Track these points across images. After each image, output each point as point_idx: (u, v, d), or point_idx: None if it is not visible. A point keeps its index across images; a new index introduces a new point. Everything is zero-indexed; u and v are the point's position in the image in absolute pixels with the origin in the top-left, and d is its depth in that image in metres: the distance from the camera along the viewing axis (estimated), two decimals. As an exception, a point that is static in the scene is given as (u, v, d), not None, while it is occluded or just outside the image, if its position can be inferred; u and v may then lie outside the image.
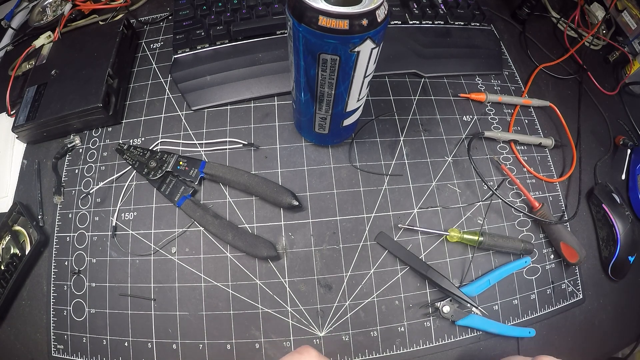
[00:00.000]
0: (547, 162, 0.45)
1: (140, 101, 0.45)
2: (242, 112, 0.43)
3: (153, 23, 0.51)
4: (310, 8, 0.23)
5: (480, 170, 0.41)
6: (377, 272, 0.37)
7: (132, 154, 0.40)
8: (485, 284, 0.37)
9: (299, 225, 0.38)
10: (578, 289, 0.40)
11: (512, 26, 0.55)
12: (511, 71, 0.50)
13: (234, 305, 0.36)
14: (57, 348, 0.37)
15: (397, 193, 0.40)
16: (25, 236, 0.40)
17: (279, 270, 0.37)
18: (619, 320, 0.41)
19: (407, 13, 0.49)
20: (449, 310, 0.36)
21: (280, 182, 0.40)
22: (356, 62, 0.27)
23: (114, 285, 0.37)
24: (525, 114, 0.47)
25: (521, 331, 0.37)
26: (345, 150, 0.42)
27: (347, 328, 0.36)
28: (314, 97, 0.31)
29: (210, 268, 0.37)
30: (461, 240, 0.38)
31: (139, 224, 0.39)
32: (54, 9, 0.53)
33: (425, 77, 0.47)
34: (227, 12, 0.46)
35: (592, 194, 0.43)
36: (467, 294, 0.36)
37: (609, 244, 0.41)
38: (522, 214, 0.41)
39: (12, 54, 0.52)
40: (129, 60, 0.47)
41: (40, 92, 0.43)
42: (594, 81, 0.51)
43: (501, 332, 0.37)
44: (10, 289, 0.37)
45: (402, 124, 0.44)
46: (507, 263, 0.39)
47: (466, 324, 0.36)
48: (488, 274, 0.38)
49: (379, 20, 0.24)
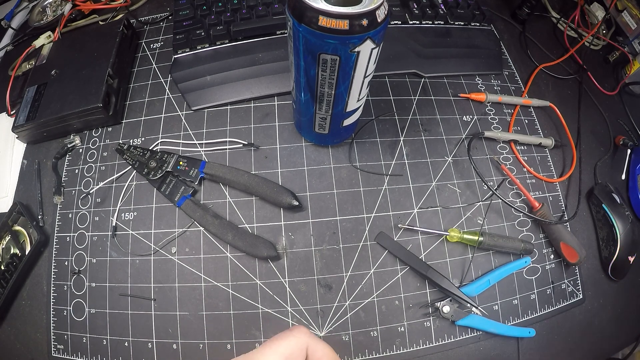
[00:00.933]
0: (547, 162, 0.45)
1: (140, 101, 0.45)
2: (242, 112, 0.43)
3: (153, 23, 0.51)
4: (310, 8, 0.23)
5: (480, 170, 0.41)
6: (377, 272, 0.37)
7: (132, 154, 0.40)
8: (485, 284, 0.37)
9: (299, 225, 0.38)
10: (578, 289, 0.40)
11: (512, 26, 0.55)
12: (511, 71, 0.50)
13: (234, 305, 0.36)
14: (57, 348, 0.37)
15: (397, 193, 0.40)
16: (25, 236, 0.40)
17: (279, 270, 0.37)
18: (619, 320, 0.41)
19: (407, 13, 0.49)
20: (449, 310, 0.36)
21: (280, 182, 0.40)
22: (356, 62, 0.27)
23: (114, 285, 0.37)
24: (525, 114, 0.47)
25: (521, 331, 0.37)
26: (345, 150, 0.42)
27: (347, 328, 0.36)
28: (314, 97, 0.31)
29: (210, 268, 0.37)
30: (461, 240, 0.38)
31: (139, 224, 0.39)
32: (54, 9, 0.53)
33: (425, 77, 0.47)
34: (227, 12, 0.46)
35: (592, 194, 0.43)
36: (467, 294, 0.36)
37: (609, 244, 0.41)
38: (522, 214, 0.41)
39: (12, 54, 0.52)
40: (129, 60, 0.47)
41: (40, 92, 0.43)
42: (594, 81, 0.51)
43: (501, 332, 0.37)
44: (10, 289, 0.37)
45: (402, 124, 0.44)
46: (507, 263, 0.39)
47: (466, 324, 0.36)
48: (488, 274, 0.38)
49: (379, 20, 0.24)
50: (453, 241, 0.38)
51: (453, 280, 0.37)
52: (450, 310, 0.36)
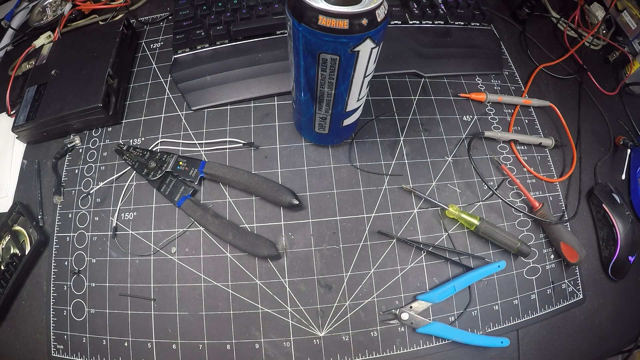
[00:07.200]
0: (547, 162, 0.45)
1: (140, 101, 0.45)
2: (242, 112, 0.43)
3: (153, 23, 0.51)
4: (310, 8, 0.23)
5: (480, 170, 0.41)
6: (377, 272, 0.37)
7: (132, 154, 0.40)
8: (450, 291, 0.36)
9: (299, 225, 0.38)
10: (578, 289, 0.40)
11: (512, 26, 0.55)
12: (511, 71, 0.50)
13: (234, 305, 0.36)
14: (57, 348, 0.37)
15: (397, 193, 0.40)
16: (25, 236, 0.40)
17: (279, 270, 0.37)
18: (619, 320, 0.41)
19: (407, 13, 0.49)
20: (407, 317, 0.35)
21: (280, 182, 0.40)
22: (356, 62, 0.27)
23: (114, 285, 0.37)
24: (525, 114, 0.47)
25: (493, 341, 0.35)
26: (345, 150, 0.42)
27: (347, 328, 0.36)
28: (314, 97, 0.31)
29: (210, 268, 0.37)
30: (458, 219, 0.38)
31: (139, 224, 0.39)
32: (54, 9, 0.53)
33: (425, 77, 0.47)
34: (227, 12, 0.46)
35: (592, 194, 0.43)
36: (430, 301, 0.35)
37: (609, 244, 0.41)
38: (522, 214, 0.41)
39: (12, 54, 0.52)
40: (129, 60, 0.47)
41: (40, 92, 0.43)
42: (594, 81, 0.51)
43: (469, 342, 0.35)
44: (10, 289, 0.37)
45: (402, 124, 0.44)
46: (477, 268, 0.37)
47: (427, 332, 0.35)
48: (453, 280, 0.37)
49: (378, 20, 0.24)
50: (451, 217, 0.38)
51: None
52: (410, 318, 0.35)
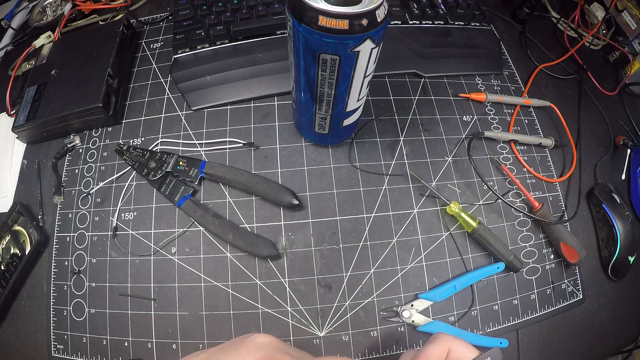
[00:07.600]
0: (547, 162, 0.45)
1: (140, 101, 0.45)
2: (242, 112, 0.43)
3: (153, 23, 0.51)
4: (310, 8, 0.23)
5: (480, 170, 0.41)
6: (377, 272, 0.37)
7: (132, 154, 0.40)
8: (451, 290, 0.36)
9: (299, 225, 0.38)
10: (578, 289, 0.40)
11: (512, 26, 0.55)
12: (511, 71, 0.50)
13: (234, 305, 0.36)
14: (57, 348, 0.37)
15: (397, 193, 0.40)
16: (25, 236, 0.40)
17: (279, 270, 0.37)
18: (619, 320, 0.41)
19: (407, 13, 0.49)
20: (409, 315, 0.35)
21: (280, 182, 0.40)
22: (356, 62, 0.27)
23: (114, 285, 0.37)
24: (525, 114, 0.47)
25: (491, 341, 0.35)
26: (345, 150, 0.42)
27: (347, 328, 0.36)
28: (314, 97, 0.31)
29: (210, 268, 0.37)
30: (457, 218, 0.38)
31: (139, 224, 0.39)
32: (54, 9, 0.53)
33: (425, 77, 0.47)
34: (227, 12, 0.46)
35: (592, 194, 0.43)
36: (431, 299, 0.36)
37: (609, 244, 0.41)
38: (522, 214, 0.41)
39: (12, 54, 0.52)
40: (129, 60, 0.47)
41: (40, 92, 0.43)
42: (594, 81, 0.51)
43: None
44: (10, 289, 0.37)
45: (402, 124, 0.44)
46: (478, 268, 0.38)
47: (427, 330, 0.35)
48: (454, 279, 0.37)
49: (378, 20, 0.24)
50: (451, 213, 0.38)
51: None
52: (411, 316, 0.35)
